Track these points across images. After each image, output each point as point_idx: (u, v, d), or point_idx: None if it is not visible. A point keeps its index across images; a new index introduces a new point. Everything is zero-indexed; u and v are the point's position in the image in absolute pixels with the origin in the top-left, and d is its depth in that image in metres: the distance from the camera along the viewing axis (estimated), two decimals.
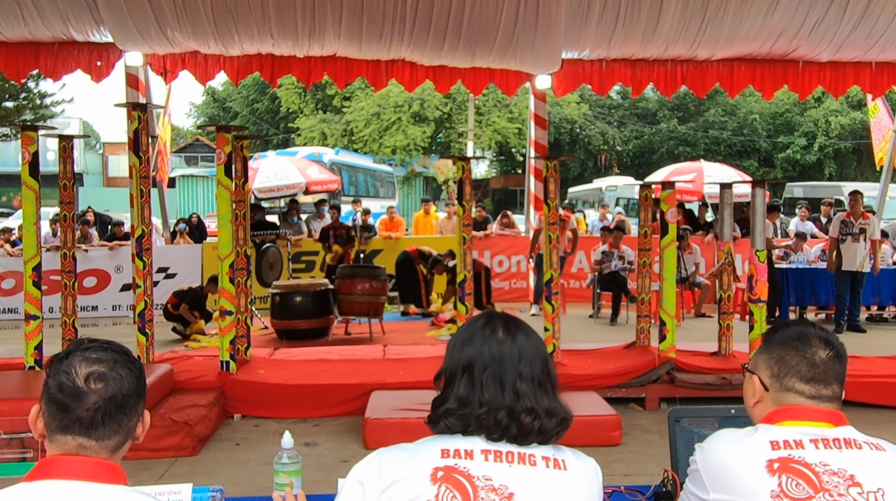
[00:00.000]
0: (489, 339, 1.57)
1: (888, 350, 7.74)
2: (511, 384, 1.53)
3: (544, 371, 1.57)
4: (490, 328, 1.60)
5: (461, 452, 1.49)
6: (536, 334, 1.64)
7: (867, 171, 29.26)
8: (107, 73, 9.75)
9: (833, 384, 1.65)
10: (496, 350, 1.56)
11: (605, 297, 10.68)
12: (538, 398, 1.53)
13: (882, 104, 12.41)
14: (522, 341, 1.58)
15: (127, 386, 1.46)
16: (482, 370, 1.54)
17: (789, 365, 1.65)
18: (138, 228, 5.86)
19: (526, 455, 1.51)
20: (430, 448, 1.51)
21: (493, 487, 1.45)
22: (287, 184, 14.66)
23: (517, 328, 1.61)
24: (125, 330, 9.03)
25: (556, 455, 1.53)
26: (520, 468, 1.49)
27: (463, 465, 1.47)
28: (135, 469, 4.46)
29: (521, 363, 1.55)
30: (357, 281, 8.51)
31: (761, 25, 9.10)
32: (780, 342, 1.70)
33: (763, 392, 1.69)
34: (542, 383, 1.56)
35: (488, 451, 1.50)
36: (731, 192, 6.65)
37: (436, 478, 1.45)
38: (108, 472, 1.42)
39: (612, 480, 3.89)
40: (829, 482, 1.52)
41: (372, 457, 1.54)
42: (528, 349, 1.57)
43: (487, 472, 1.47)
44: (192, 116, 40.90)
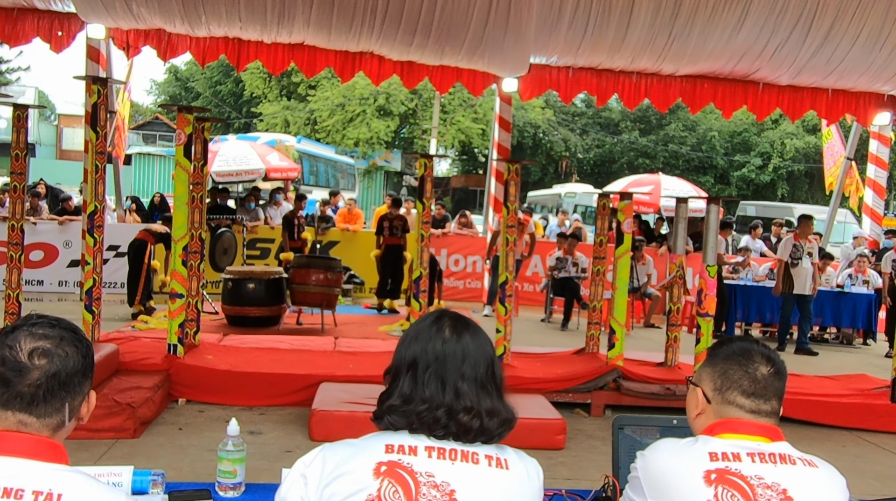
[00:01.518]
0: (435, 337, 1.59)
1: (828, 370, 7.97)
2: (452, 383, 1.54)
3: (488, 372, 1.59)
4: (437, 326, 1.61)
5: (405, 448, 1.50)
6: (485, 334, 1.65)
7: (818, 194, 30.01)
8: (67, 43, 9.53)
9: (772, 399, 1.70)
10: (440, 349, 1.57)
11: (557, 302, 10.78)
12: (480, 398, 1.55)
13: (836, 131, 12.76)
14: (468, 341, 1.59)
15: (72, 365, 1.44)
16: (425, 368, 1.56)
17: (732, 379, 1.69)
18: (91, 204, 5.73)
19: (469, 452, 1.52)
20: (376, 443, 1.52)
21: (435, 483, 1.47)
22: (246, 169, 14.50)
23: (464, 328, 1.61)
24: (71, 307, 8.83)
25: (498, 455, 1.55)
26: (462, 465, 1.50)
27: (406, 461, 1.49)
28: (73, 449, 4.35)
29: (464, 364, 1.56)
30: (312, 272, 8.45)
31: (726, 44, 9.29)
32: (724, 357, 1.74)
33: (705, 405, 1.73)
34: (485, 384, 1.57)
35: (432, 448, 1.51)
36: (686, 206, 6.77)
37: (379, 472, 1.46)
38: (50, 450, 1.40)
39: (554, 483, 3.94)
40: (763, 494, 1.56)
41: (317, 451, 1.54)
42: (473, 350, 1.58)
43: (430, 468, 1.48)
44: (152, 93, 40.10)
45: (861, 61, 9.54)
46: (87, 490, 1.36)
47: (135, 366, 5.64)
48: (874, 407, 5.93)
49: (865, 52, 9.36)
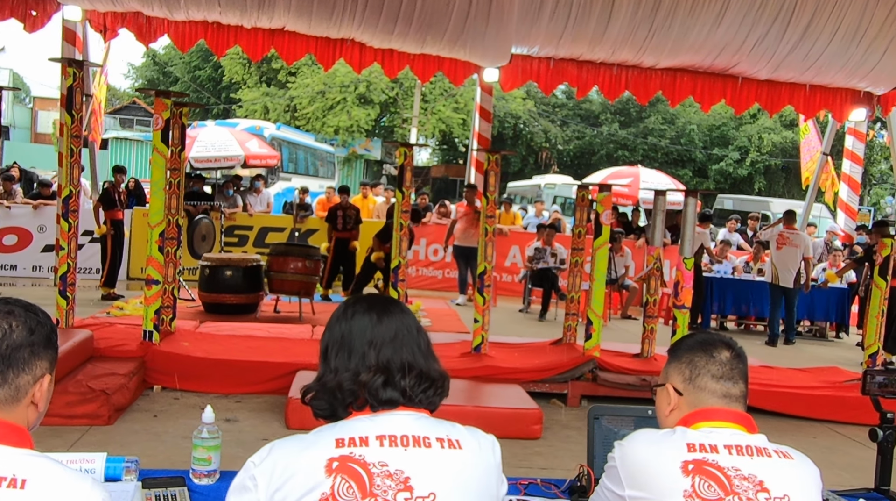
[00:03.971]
0: (341, 319, 1.62)
1: (801, 363, 8.07)
2: (359, 350, 1.56)
3: (404, 334, 1.60)
4: (345, 306, 1.65)
5: (356, 440, 1.48)
6: (402, 306, 1.67)
7: (794, 188, 30.30)
8: (42, 24, 9.39)
9: (739, 381, 1.73)
10: (346, 327, 1.60)
11: (536, 292, 10.82)
12: (393, 356, 1.56)
13: (812, 126, 12.88)
14: (378, 313, 1.61)
15: (17, 338, 1.40)
16: (334, 346, 1.59)
17: (699, 366, 1.73)
18: (66, 188, 5.66)
19: (420, 438, 1.51)
20: (325, 437, 1.49)
21: (389, 472, 1.45)
22: (225, 156, 14.37)
23: (375, 303, 1.64)
24: (44, 292, 8.74)
25: (450, 435, 1.54)
26: (415, 451, 1.49)
27: (358, 453, 1.46)
28: (46, 435, 4.33)
29: (372, 331, 1.58)
30: (290, 260, 8.41)
31: (706, 38, 9.34)
32: (687, 349, 1.78)
33: (678, 399, 1.74)
34: (403, 344, 1.58)
35: (383, 436, 1.49)
36: (664, 199, 6.81)
37: (331, 469, 1.44)
38: (12, 434, 1.36)
39: (530, 472, 3.98)
40: (740, 486, 1.58)
41: (267, 450, 1.50)
42: (385, 319, 1.60)
43: (383, 458, 1.47)
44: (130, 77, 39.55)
45: (838, 57, 9.64)
46: (53, 475, 1.33)
47: (109, 353, 5.59)
48: (845, 399, 6.02)
49: (843, 47, 9.46)
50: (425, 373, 1.59)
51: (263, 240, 11.19)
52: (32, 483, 1.30)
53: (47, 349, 1.47)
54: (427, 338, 1.65)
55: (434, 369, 1.62)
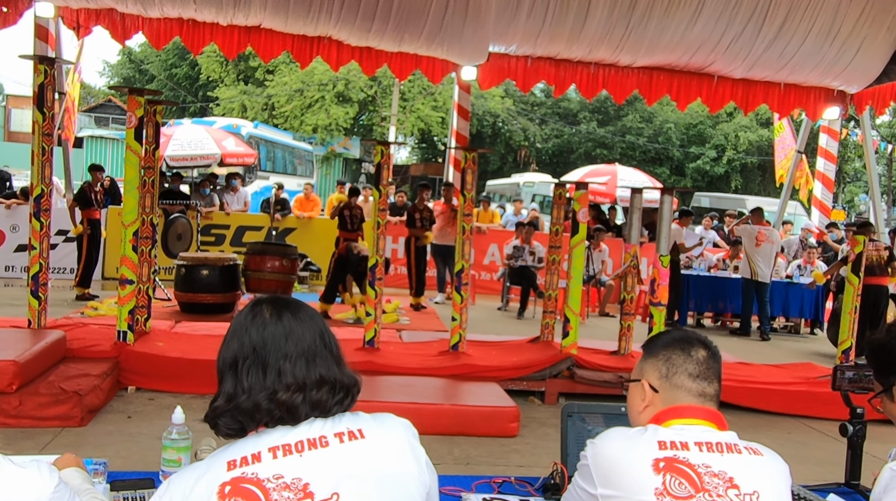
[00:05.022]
0: (251, 327, 1.50)
1: (775, 359, 8.14)
2: (274, 365, 1.46)
3: (316, 343, 1.50)
4: (253, 315, 1.52)
5: (248, 458, 1.41)
6: (308, 309, 1.57)
7: (770, 186, 30.60)
8: (13, 20, 9.24)
9: (714, 381, 1.74)
10: (258, 337, 1.49)
11: (514, 290, 10.84)
12: (309, 371, 1.47)
13: (787, 124, 13.00)
14: (289, 319, 1.51)
15: None
16: (244, 360, 1.48)
17: (677, 364, 1.73)
18: (37, 187, 5.59)
19: (316, 438, 1.44)
20: (218, 462, 1.42)
21: (286, 484, 1.39)
22: (201, 154, 14.27)
23: (283, 308, 1.53)
24: (17, 293, 8.62)
25: (350, 427, 1.47)
26: (311, 454, 1.42)
27: (251, 471, 1.39)
28: (17, 438, 4.28)
29: (287, 343, 1.48)
30: (267, 258, 8.36)
31: (682, 36, 9.40)
32: (664, 346, 1.77)
33: (653, 396, 1.74)
34: (315, 355, 1.49)
35: (276, 448, 1.42)
36: (640, 197, 6.84)
37: (223, 495, 1.37)
38: None
39: (506, 470, 3.98)
40: (710, 483, 1.59)
41: (164, 488, 1.45)
42: (295, 326, 1.50)
43: (277, 470, 1.40)
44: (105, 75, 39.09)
45: (812, 56, 9.74)
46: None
47: (83, 353, 5.52)
48: (818, 395, 6.08)
49: (816, 46, 9.57)
50: (340, 383, 1.50)
51: (241, 239, 11.11)
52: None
53: None
54: (336, 341, 1.56)
55: (347, 375, 1.53)
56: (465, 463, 4.43)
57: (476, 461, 4.52)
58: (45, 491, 1.34)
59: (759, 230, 10.03)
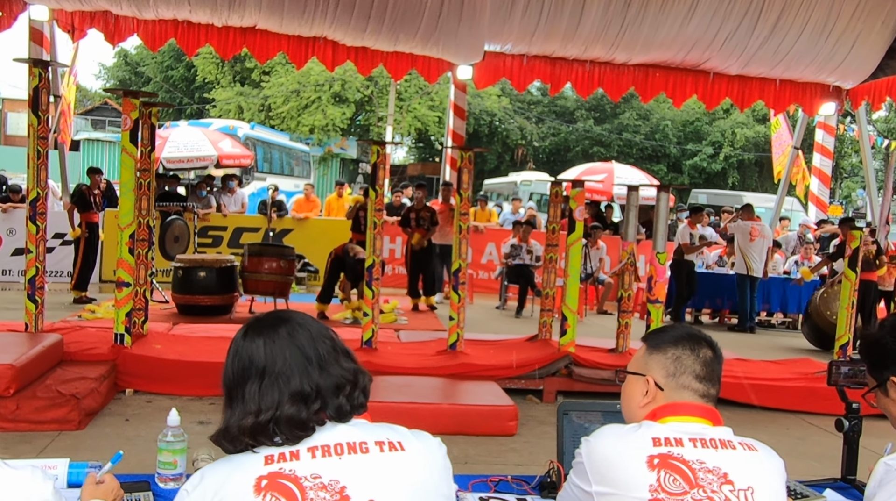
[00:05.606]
0: (229, 361, 1.51)
1: (773, 355, 8.15)
2: (245, 394, 1.45)
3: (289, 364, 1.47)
4: (230, 349, 1.53)
5: (286, 455, 1.41)
6: (287, 324, 1.53)
7: (767, 183, 30.60)
8: (8, 24, 9.24)
9: (717, 383, 1.75)
10: (231, 371, 1.49)
11: (512, 289, 10.84)
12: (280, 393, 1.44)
13: (784, 121, 13.02)
14: (259, 346, 1.49)
15: None
16: (229, 391, 1.49)
17: (685, 364, 1.72)
18: (33, 190, 5.58)
19: (357, 443, 1.44)
20: (255, 455, 1.43)
21: (323, 484, 1.39)
22: (198, 156, 14.25)
23: (257, 335, 1.51)
24: (15, 296, 8.61)
25: (390, 438, 1.48)
26: (350, 458, 1.42)
27: (289, 468, 1.40)
28: (14, 442, 4.28)
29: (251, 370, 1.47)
30: (265, 259, 8.35)
31: (677, 34, 9.40)
32: (673, 343, 1.76)
33: (656, 392, 1.73)
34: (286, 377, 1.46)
35: (315, 448, 1.42)
36: (637, 194, 6.84)
37: (260, 488, 1.37)
38: None
39: (504, 469, 3.98)
40: (704, 479, 1.59)
41: (198, 478, 1.44)
42: (264, 352, 1.48)
43: (315, 470, 1.40)
44: (101, 77, 39.03)
45: (807, 52, 9.75)
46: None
47: (80, 356, 5.52)
48: (816, 390, 6.08)
49: (811, 42, 9.57)
50: (329, 387, 1.47)
51: (238, 240, 11.11)
52: None
53: None
54: (327, 343, 1.52)
55: (344, 369, 1.51)
56: (464, 463, 4.43)
57: (474, 460, 4.52)
58: (40, 495, 1.34)
59: (752, 226, 10.09)
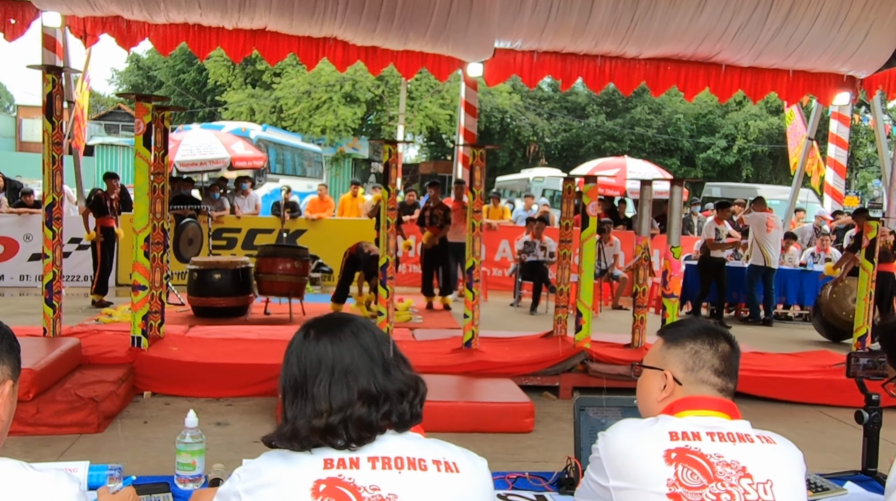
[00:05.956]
0: (291, 357, 1.51)
1: (790, 347, 8.10)
2: (310, 393, 1.46)
3: (355, 363, 1.48)
4: (292, 345, 1.53)
5: (346, 461, 1.41)
6: (352, 324, 1.54)
7: (781, 174, 30.40)
8: (21, 32, 9.31)
9: (734, 377, 1.74)
10: (296, 368, 1.49)
11: (526, 286, 10.83)
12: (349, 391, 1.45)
13: (797, 112, 12.91)
14: (326, 343, 1.49)
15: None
16: (290, 392, 1.49)
17: (704, 359, 1.71)
18: (49, 196, 5.62)
19: (416, 459, 1.44)
20: (314, 457, 1.43)
21: (382, 497, 1.39)
22: (211, 158, 14.31)
23: (323, 332, 1.52)
24: (32, 301, 8.68)
25: (446, 458, 1.48)
26: (410, 474, 1.42)
27: (348, 476, 1.40)
28: (35, 445, 4.32)
29: (321, 368, 1.47)
30: (279, 261, 8.38)
31: (688, 26, 9.34)
32: (691, 337, 1.74)
33: (674, 387, 1.72)
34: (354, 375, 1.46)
35: (375, 458, 1.42)
36: (650, 188, 6.82)
37: (318, 492, 1.37)
38: None
39: (522, 466, 3.97)
40: (722, 472, 1.58)
41: (254, 468, 1.45)
42: (329, 350, 1.48)
43: (375, 481, 1.40)
44: (113, 82, 39.25)
45: (820, 42, 9.66)
46: (14, 478, 1.32)
47: (98, 360, 5.56)
48: (835, 383, 6.04)
49: (824, 32, 9.49)
50: (394, 392, 1.48)
51: (252, 242, 11.14)
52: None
53: (8, 355, 1.46)
54: (388, 347, 1.53)
55: (399, 381, 1.50)
56: None
57: (491, 457, 4.47)
58: (65, 497, 1.35)
59: (767, 217, 10.04)
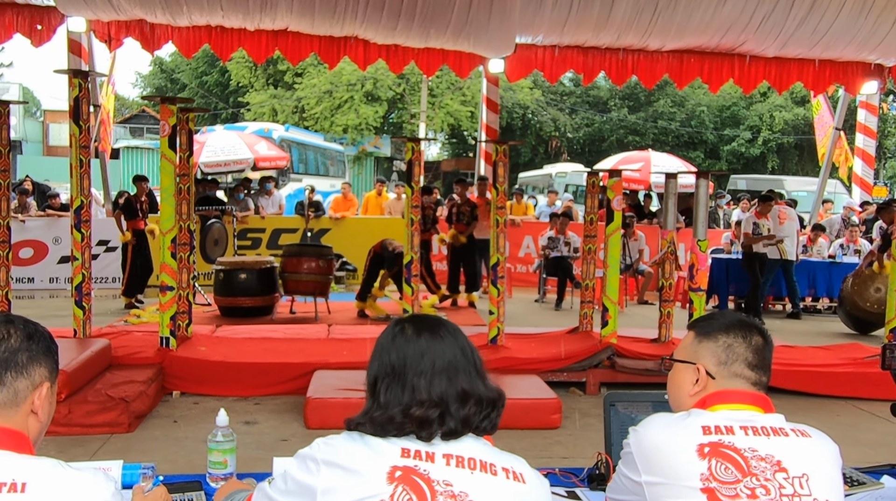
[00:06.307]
0: (390, 347, 1.55)
1: (820, 340, 8.00)
2: (410, 382, 1.50)
3: (458, 358, 1.53)
4: (392, 335, 1.58)
5: (422, 454, 1.45)
6: (451, 326, 1.60)
7: (808, 166, 30.04)
8: (47, 37, 9.44)
9: (768, 371, 1.72)
10: (395, 358, 1.53)
11: (550, 282, 10.79)
12: (447, 386, 1.50)
13: (824, 101, 12.75)
14: (427, 338, 1.54)
15: (14, 343, 1.43)
16: (383, 379, 1.52)
17: (737, 352, 1.69)
18: (77, 199, 5.69)
19: (488, 463, 1.48)
20: (391, 444, 1.47)
21: (453, 493, 1.42)
22: (234, 159, 14.41)
23: (424, 327, 1.57)
24: (62, 303, 8.80)
25: (514, 468, 1.52)
26: (481, 476, 1.46)
27: (423, 467, 1.44)
28: (68, 445, 4.37)
29: (422, 360, 1.51)
30: (304, 260, 8.42)
31: (711, 18, 9.24)
32: (724, 330, 1.73)
33: (707, 381, 1.70)
34: (457, 371, 1.52)
35: (450, 455, 1.46)
36: (675, 182, 6.75)
37: (393, 477, 1.41)
38: (9, 439, 1.38)
39: (550, 462, 3.96)
40: (757, 467, 1.56)
41: (333, 444, 1.48)
42: (432, 345, 1.53)
43: (448, 477, 1.43)
44: (138, 86, 39.68)
45: (847, 30, 9.51)
46: (53, 476, 1.34)
47: (127, 360, 5.62)
48: (867, 375, 5.95)
49: (851, 20, 9.33)
50: (485, 398, 1.53)
51: (276, 242, 11.21)
52: (32, 486, 1.31)
53: (46, 357, 1.48)
54: (479, 356, 1.59)
55: (491, 389, 1.56)
56: None
57: (519, 454, 4.48)
58: (101, 496, 1.36)
59: (779, 210, 9.86)
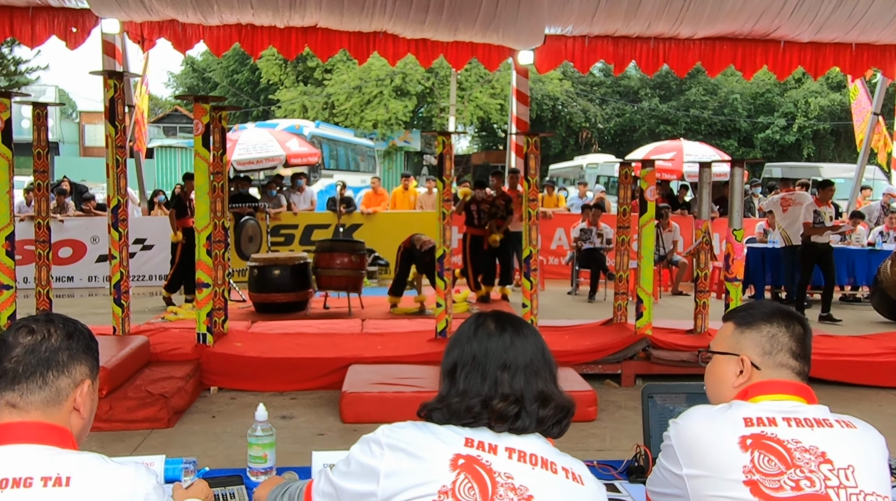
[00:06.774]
0: (472, 338, 1.58)
1: (861, 329, 7.86)
2: (492, 374, 1.52)
3: (536, 360, 1.56)
4: (476, 326, 1.60)
5: (486, 445, 1.47)
6: (531, 328, 1.63)
7: (844, 152, 29.49)
8: (82, 40, 9.58)
9: (809, 360, 1.70)
10: (477, 348, 1.56)
11: (583, 274, 10.73)
12: (528, 384, 1.52)
13: (861, 86, 12.48)
14: (510, 335, 1.57)
15: (54, 342, 1.45)
16: (462, 368, 1.55)
17: (781, 342, 1.67)
18: (114, 198, 5.78)
19: (549, 461, 1.50)
20: (456, 433, 1.48)
21: (514, 486, 1.43)
22: (266, 156, 14.51)
23: (507, 323, 1.60)
24: (101, 301, 8.94)
25: (573, 469, 1.52)
26: (542, 472, 1.47)
27: (486, 458, 1.45)
28: (109, 440, 4.45)
29: (506, 354, 1.54)
30: (336, 255, 8.47)
31: (744, 3, 9.10)
32: (765, 320, 1.70)
33: (752, 372, 1.68)
34: (536, 371, 1.54)
35: (512, 449, 1.48)
36: (709, 171, 6.67)
37: (456, 465, 1.43)
38: (53, 434, 1.40)
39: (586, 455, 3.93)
40: (801, 458, 1.53)
41: (398, 430, 1.51)
42: (517, 342, 1.56)
43: (510, 470, 1.45)
44: (170, 86, 40.19)
45: (885, 13, 9.28)
46: (96, 470, 1.37)
47: (166, 357, 5.71)
48: None
49: (889, 3, 9.12)
50: (559, 403, 1.55)
51: (309, 237, 11.29)
52: (77, 480, 1.34)
53: (86, 355, 1.50)
54: (554, 361, 1.61)
55: (566, 397, 1.58)
56: None
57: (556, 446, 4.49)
58: (143, 490, 1.39)
59: (781, 197, 9.64)
